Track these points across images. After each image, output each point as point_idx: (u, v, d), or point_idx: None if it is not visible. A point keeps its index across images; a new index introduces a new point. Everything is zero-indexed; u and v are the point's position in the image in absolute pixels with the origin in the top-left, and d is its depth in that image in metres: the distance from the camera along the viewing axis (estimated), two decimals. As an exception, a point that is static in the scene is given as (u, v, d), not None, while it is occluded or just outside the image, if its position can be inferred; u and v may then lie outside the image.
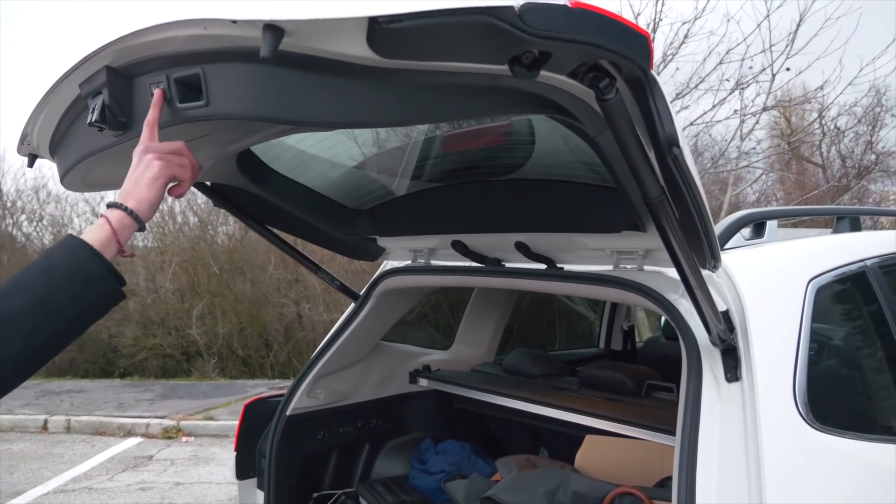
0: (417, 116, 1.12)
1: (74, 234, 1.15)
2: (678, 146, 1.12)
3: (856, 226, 2.64)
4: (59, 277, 1.05)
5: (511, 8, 0.88)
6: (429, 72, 0.94)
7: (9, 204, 11.20)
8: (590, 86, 1.04)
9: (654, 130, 1.11)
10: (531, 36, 0.90)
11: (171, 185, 1.24)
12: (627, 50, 1.00)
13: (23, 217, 11.35)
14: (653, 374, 2.68)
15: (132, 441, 6.96)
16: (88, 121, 1.23)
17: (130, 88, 1.20)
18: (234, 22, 0.87)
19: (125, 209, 1.16)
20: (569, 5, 0.94)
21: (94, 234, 1.12)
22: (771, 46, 8.19)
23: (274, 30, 0.83)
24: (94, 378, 9.97)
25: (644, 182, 1.20)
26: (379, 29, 0.83)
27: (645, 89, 1.09)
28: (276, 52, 0.83)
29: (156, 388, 8.96)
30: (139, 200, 1.18)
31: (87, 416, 7.45)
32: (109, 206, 1.17)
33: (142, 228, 1.20)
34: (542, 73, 1.01)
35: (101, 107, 1.22)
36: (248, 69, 0.98)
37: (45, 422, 7.41)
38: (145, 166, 1.19)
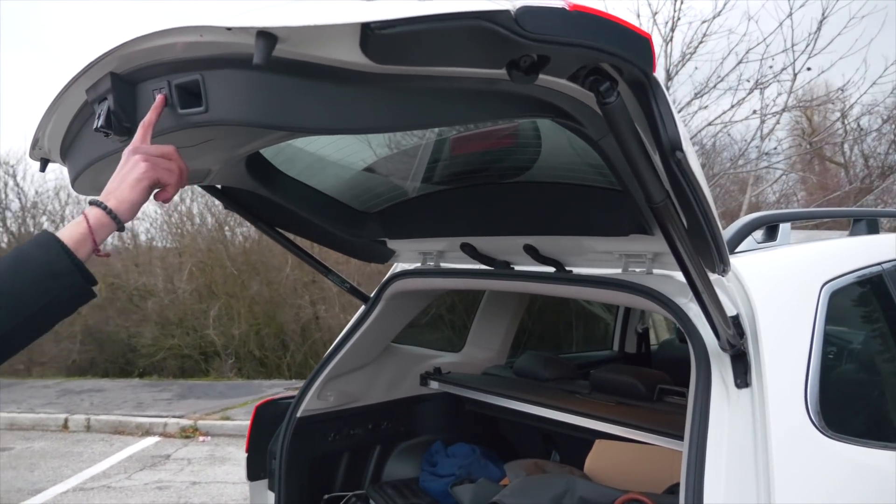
0: (414, 122, 1.12)
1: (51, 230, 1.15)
2: (681, 150, 1.11)
3: (873, 228, 2.59)
4: (25, 270, 1.05)
5: (507, 12, 0.87)
6: (424, 77, 0.94)
7: (29, 205, 11.38)
8: (590, 89, 1.03)
9: (658, 134, 1.10)
10: (528, 40, 0.89)
11: (156, 189, 1.24)
12: (628, 52, 0.99)
13: (44, 218, 11.52)
14: (665, 377, 2.65)
15: (150, 440, 7.03)
16: (94, 126, 1.24)
17: (134, 94, 1.21)
18: (229, 29, 0.87)
19: (104, 208, 1.16)
20: (566, 8, 0.93)
21: (69, 230, 1.13)
22: (793, 45, 8.08)
23: (267, 37, 0.83)
24: (113, 378, 10.09)
25: (648, 186, 1.18)
26: (372, 35, 0.83)
27: (647, 92, 1.08)
28: (269, 58, 0.83)
29: (174, 388, 9.04)
30: (120, 201, 1.17)
31: (106, 416, 7.54)
32: (91, 202, 1.17)
33: (121, 229, 1.19)
34: (542, 76, 1.00)
35: (106, 112, 1.23)
36: (244, 76, 0.98)
37: (66, 421, 7.51)
38: (131, 167, 1.19)
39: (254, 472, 2.73)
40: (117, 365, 10.46)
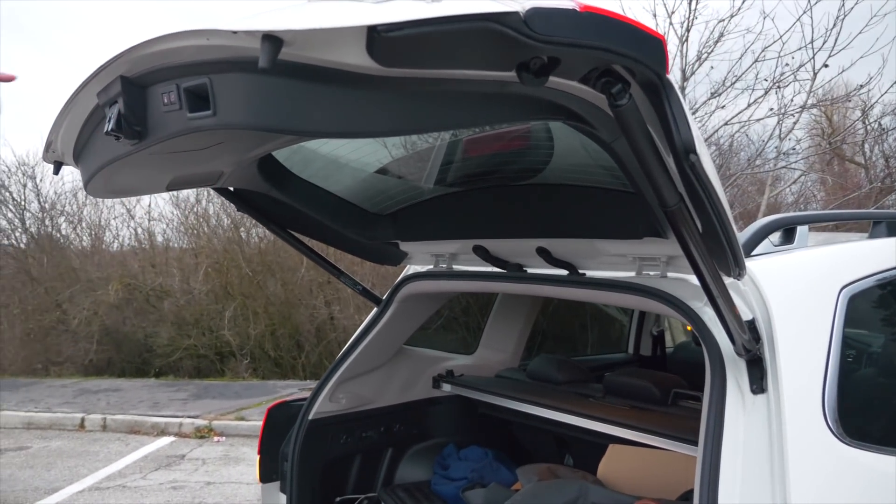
0: (422, 125, 1.11)
1: None
2: (695, 152, 1.09)
3: (893, 230, 2.53)
4: None
5: (516, 14, 0.85)
6: (432, 80, 0.93)
7: (48, 206, 11.49)
8: (602, 91, 1.02)
9: (671, 136, 1.08)
10: (538, 42, 0.87)
11: None
12: (640, 54, 0.98)
13: (62, 219, 11.64)
14: (679, 381, 2.62)
15: (165, 440, 7.07)
16: (105, 130, 1.24)
17: (144, 97, 1.21)
18: (235, 32, 0.86)
19: None
20: (577, 9, 0.91)
21: None
22: (812, 42, 7.97)
23: (273, 40, 0.82)
24: (130, 377, 10.16)
25: (661, 189, 1.16)
26: (378, 38, 0.81)
27: (660, 94, 1.06)
28: (274, 62, 0.82)
29: (189, 388, 9.10)
30: None
31: (122, 415, 7.60)
32: None
33: None
34: (552, 78, 0.99)
35: (116, 116, 1.23)
36: (251, 79, 0.97)
37: (82, 420, 7.57)
38: None
39: (266, 474, 2.73)
40: (134, 365, 10.55)
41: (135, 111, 1.22)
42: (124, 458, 6.47)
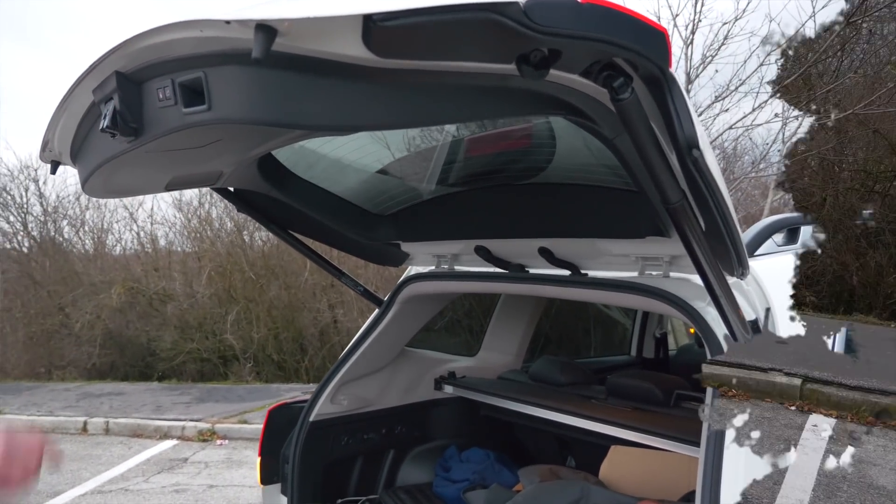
0: (420, 119, 1.09)
1: None
2: (698, 148, 1.07)
3: None
4: None
5: (516, 4, 0.84)
6: (430, 72, 0.91)
7: (50, 210, 11.50)
8: (604, 85, 1.01)
9: (674, 131, 1.07)
10: (538, 33, 0.86)
11: None
12: (643, 47, 0.96)
13: (64, 223, 11.64)
14: (682, 383, 2.60)
15: (168, 443, 7.06)
16: (101, 127, 1.23)
17: (140, 93, 1.19)
18: (228, 23, 0.84)
19: None
20: (578, 0, 0.90)
21: None
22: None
23: (266, 30, 0.80)
24: (133, 381, 10.16)
25: (664, 186, 1.15)
26: (374, 27, 0.80)
27: (663, 88, 1.05)
28: (268, 53, 0.81)
29: (193, 392, 9.09)
30: None
31: (125, 419, 7.59)
32: None
33: None
34: (553, 72, 0.97)
35: (112, 112, 1.21)
36: (245, 72, 0.95)
37: (85, 423, 7.56)
38: None
39: (267, 476, 2.71)
40: (137, 368, 10.54)
41: (130, 107, 1.20)
42: (127, 461, 6.46)
